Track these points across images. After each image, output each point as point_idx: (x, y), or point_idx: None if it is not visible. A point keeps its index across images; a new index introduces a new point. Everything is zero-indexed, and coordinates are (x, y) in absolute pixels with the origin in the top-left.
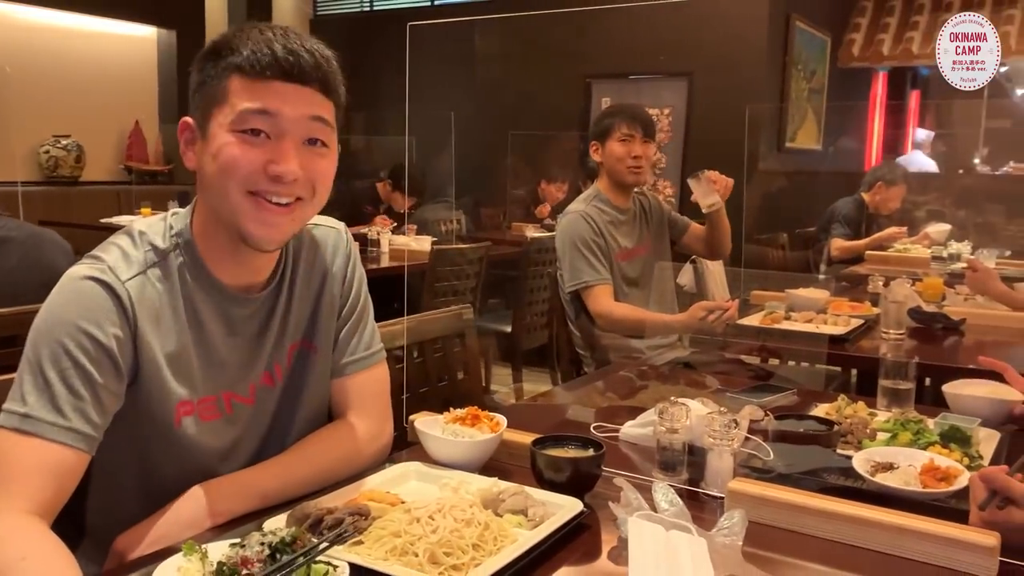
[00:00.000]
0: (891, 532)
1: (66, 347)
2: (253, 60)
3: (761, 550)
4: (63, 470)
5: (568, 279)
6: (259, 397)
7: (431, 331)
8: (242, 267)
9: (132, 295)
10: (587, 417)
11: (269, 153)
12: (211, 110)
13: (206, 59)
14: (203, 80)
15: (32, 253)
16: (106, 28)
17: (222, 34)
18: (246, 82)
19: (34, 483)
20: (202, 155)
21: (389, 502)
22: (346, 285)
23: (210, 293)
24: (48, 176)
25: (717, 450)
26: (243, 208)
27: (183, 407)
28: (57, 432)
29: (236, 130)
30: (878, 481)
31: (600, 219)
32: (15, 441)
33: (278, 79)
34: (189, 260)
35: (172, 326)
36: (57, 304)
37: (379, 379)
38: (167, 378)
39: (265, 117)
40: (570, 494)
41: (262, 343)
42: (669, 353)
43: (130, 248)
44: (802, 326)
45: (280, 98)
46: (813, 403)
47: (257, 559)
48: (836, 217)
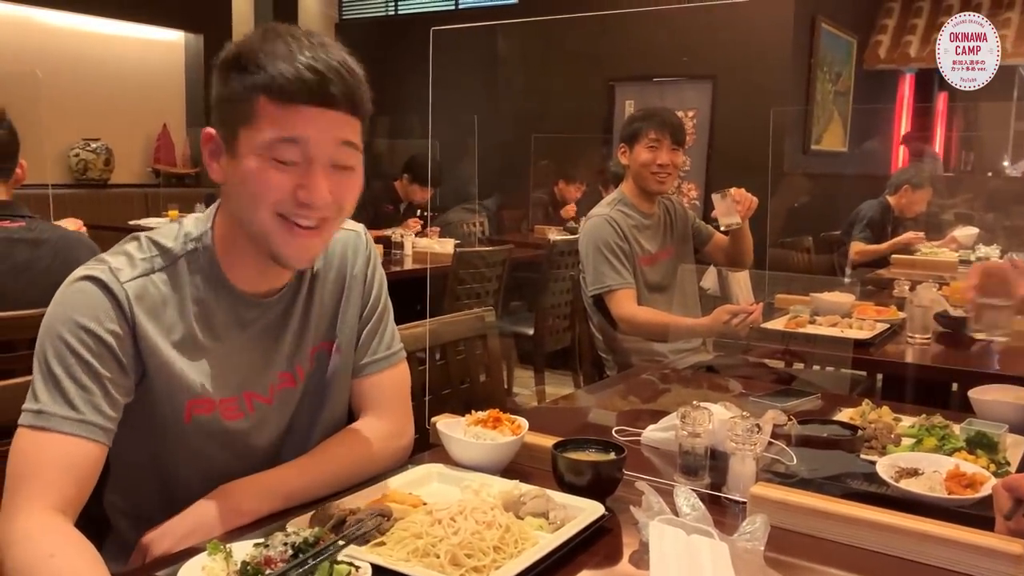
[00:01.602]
0: (915, 538)
1: (68, 343)
2: (282, 83)
3: (783, 555)
4: (81, 463)
5: (591, 283)
6: (278, 398)
7: (453, 333)
8: (263, 276)
9: (131, 295)
10: (609, 420)
11: (298, 178)
12: (238, 128)
13: (229, 69)
14: (228, 95)
15: (63, 255)
16: (135, 33)
17: (244, 42)
18: (274, 106)
19: (54, 479)
20: (229, 171)
21: (411, 503)
22: (367, 286)
23: (223, 296)
24: (78, 179)
25: (739, 454)
26: (273, 230)
27: (197, 405)
28: (71, 425)
29: (265, 155)
30: (902, 487)
31: (624, 223)
32: (32, 439)
33: (306, 104)
34: (205, 264)
35: (179, 327)
36: (58, 304)
37: (400, 379)
38: (175, 376)
39: (294, 145)
40: (591, 498)
41: (278, 344)
42: (692, 357)
43: (135, 252)
44: (826, 330)
45: (309, 124)
46: (837, 408)
47: (280, 559)
48: (860, 220)
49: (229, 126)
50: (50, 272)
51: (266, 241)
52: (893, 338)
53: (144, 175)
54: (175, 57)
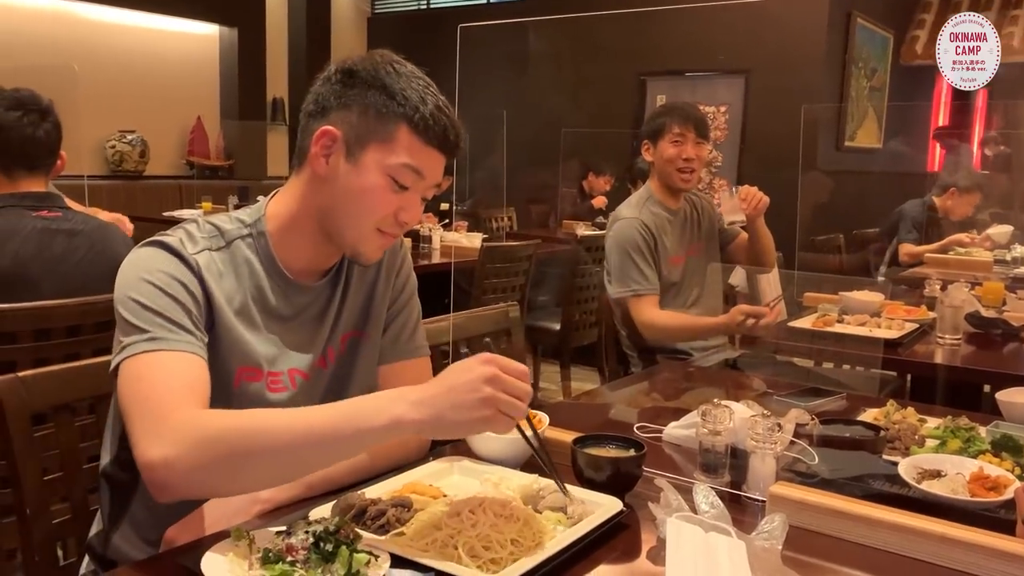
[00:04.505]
0: (936, 541)
1: (151, 282)
2: (429, 125)
3: (801, 555)
4: (203, 375)
5: (615, 285)
6: (314, 376)
7: (478, 328)
8: (314, 261)
9: (200, 263)
10: (630, 417)
11: (402, 202)
12: (371, 140)
13: (369, 87)
14: (366, 108)
15: (98, 245)
16: (170, 26)
17: (381, 63)
18: (413, 140)
19: (188, 384)
20: (343, 173)
21: (431, 495)
22: (399, 277)
23: (276, 280)
24: (113, 170)
25: (760, 453)
26: (368, 238)
27: (247, 372)
28: (184, 344)
29: (391, 175)
30: (924, 488)
31: (653, 224)
32: (149, 360)
33: (437, 149)
34: (260, 248)
35: (237, 299)
36: (131, 264)
37: (423, 372)
38: (235, 341)
39: (415, 175)
40: (610, 493)
41: (320, 328)
42: (718, 355)
43: (195, 231)
44: (854, 329)
45: (434, 165)
46: (862, 408)
47: (301, 547)
48: (904, 220)
49: (362, 135)
50: (85, 263)
51: (351, 243)
52: (922, 338)
53: (178, 167)
54: (210, 50)
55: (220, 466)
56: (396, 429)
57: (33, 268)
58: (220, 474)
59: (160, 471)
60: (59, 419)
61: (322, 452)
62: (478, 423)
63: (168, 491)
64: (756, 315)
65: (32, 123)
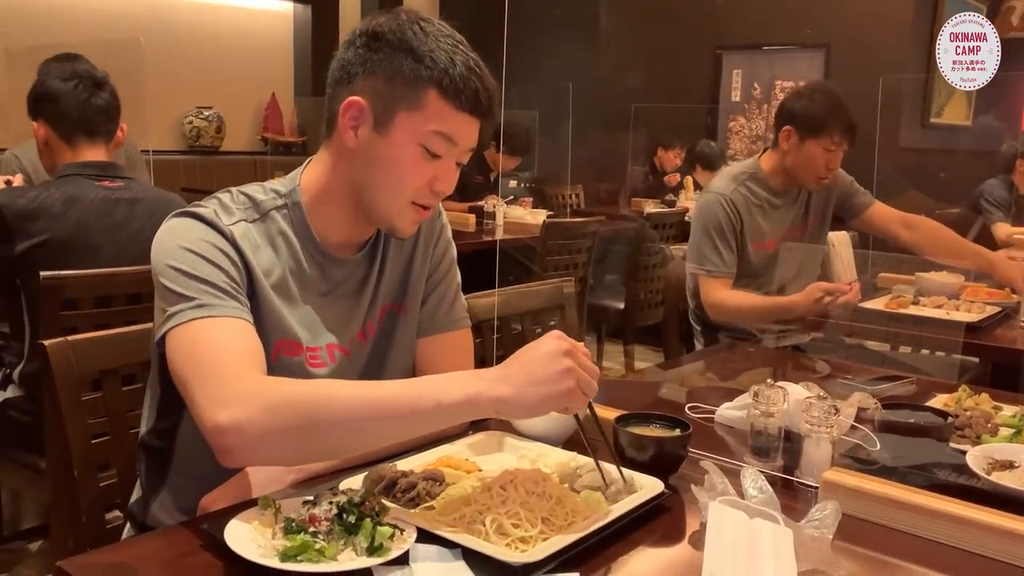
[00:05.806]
0: (1002, 536)
1: (191, 250)
2: (460, 88)
3: (853, 544)
4: (254, 340)
5: (691, 259)
6: (354, 351)
7: (531, 304)
8: (350, 233)
9: (235, 234)
10: (682, 397)
11: (436, 171)
12: (399, 108)
13: (395, 50)
14: (393, 74)
15: (158, 214)
16: (245, 3)
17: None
18: (444, 105)
19: (246, 349)
20: (372, 145)
21: (466, 469)
22: (437, 248)
23: (312, 254)
24: (191, 145)
25: (814, 437)
26: (403, 211)
27: (285, 346)
28: (228, 310)
29: (422, 144)
30: (993, 480)
31: (744, 204)
32: (199, 327)
33: (469, 113)
34: (295, 220)
35: (275, 272)
36: (167, 233)
37: (463, 343)
38: (272, 314)
39: (447, 142)
40: (653, 474)
41: (359, 302)
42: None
43: (229, 202)
44: (930, 311)
45: (467, 130)
46: (933, 393)
47: (325, 518)
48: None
49: (389, 103)
50: (144, 231)
51: (386, 217)
52: (1005, 322)
53: (253, 143)
54: (284, 28)
55: (291, 433)
56: (474, 405)
57: (94, 236)
58: (290, 441)
59: (230, 435)
60: (107, 384)
61: (397, 426)
62: (559, 397)
63: (236, 456)
64: (836, 292)
65: (88, 90)
